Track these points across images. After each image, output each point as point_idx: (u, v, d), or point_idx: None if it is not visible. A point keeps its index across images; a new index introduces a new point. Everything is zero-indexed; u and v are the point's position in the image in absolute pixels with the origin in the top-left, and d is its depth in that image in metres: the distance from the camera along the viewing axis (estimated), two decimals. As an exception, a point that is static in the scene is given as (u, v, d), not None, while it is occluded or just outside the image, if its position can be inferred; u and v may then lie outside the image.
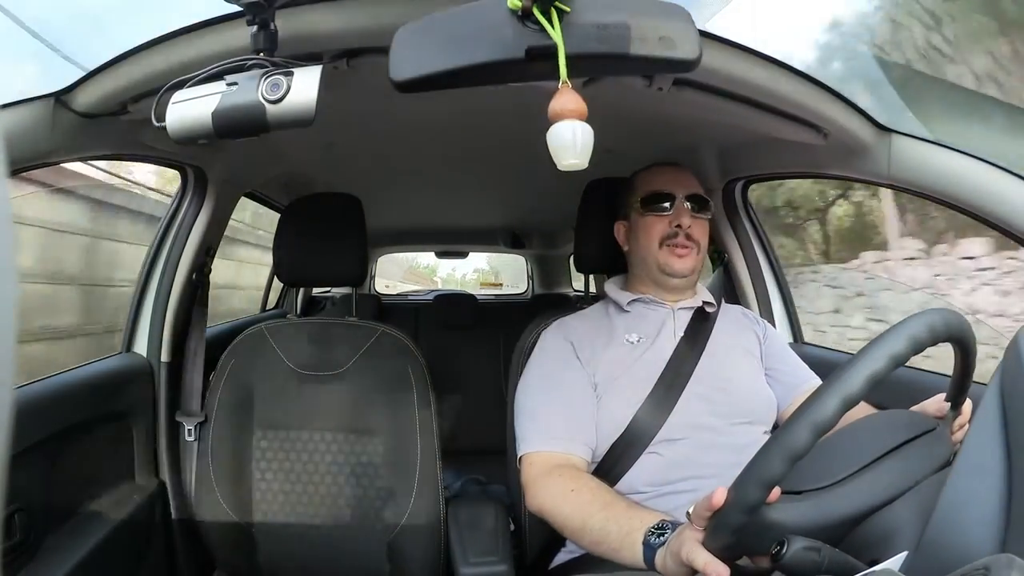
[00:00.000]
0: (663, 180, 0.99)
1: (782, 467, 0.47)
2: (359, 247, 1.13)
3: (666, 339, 0.95)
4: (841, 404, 0.47)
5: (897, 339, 0.49)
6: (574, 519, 0.77)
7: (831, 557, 0.47)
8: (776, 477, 0.47)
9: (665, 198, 0.97)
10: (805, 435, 0.47)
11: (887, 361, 0.47)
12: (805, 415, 0.47)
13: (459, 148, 1.35)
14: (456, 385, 2.24)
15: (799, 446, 0.47)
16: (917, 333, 0.49)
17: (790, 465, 0.47)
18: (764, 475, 0.48)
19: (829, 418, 0.46)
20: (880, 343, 0.49)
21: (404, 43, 0.47)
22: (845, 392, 0.47)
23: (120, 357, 1.14)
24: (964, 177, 0.76)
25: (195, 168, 1.14)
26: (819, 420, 0.46)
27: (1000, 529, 0.42)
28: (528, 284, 3.26)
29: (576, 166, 0.46)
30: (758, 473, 0.48)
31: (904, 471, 0.54)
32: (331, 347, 1.13)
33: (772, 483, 0.48)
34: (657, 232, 0.96)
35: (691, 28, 0.47)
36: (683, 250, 0.95)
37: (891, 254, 5.03)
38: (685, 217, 0.95)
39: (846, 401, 0.47)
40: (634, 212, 1.00)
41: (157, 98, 0.55)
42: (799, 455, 0.47)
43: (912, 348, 0.49)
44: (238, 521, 1.07)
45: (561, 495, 0.79)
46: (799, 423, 0.47)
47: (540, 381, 0.93)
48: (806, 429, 0.47)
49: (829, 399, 0.47)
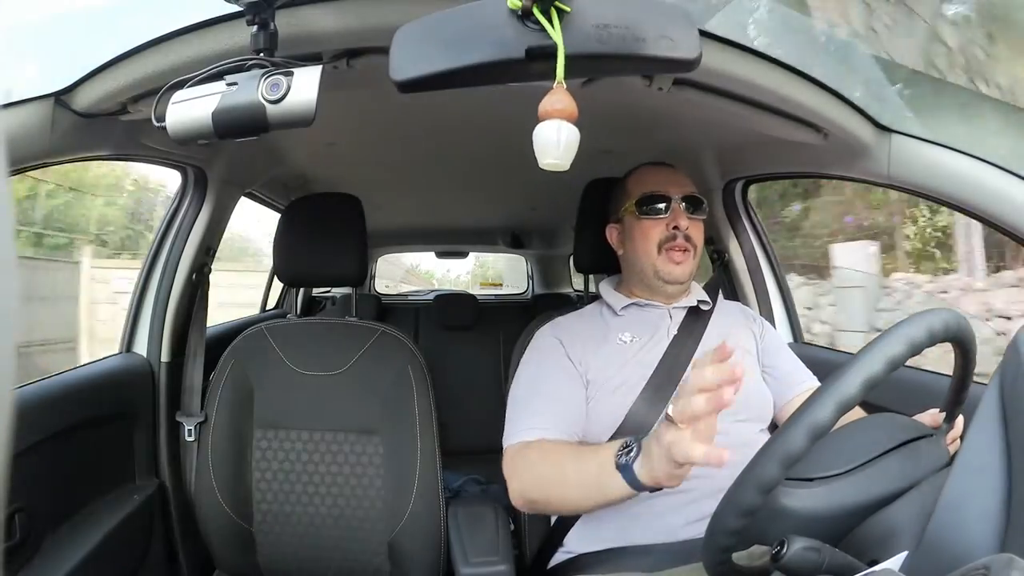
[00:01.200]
0: (657, 181, 0.97)
1: (778, 471, 0.47)
2: (359, 247, 1.13)
3: (660, 338, 0.95)
4: (837, 408, 0.47)
5: (894, 341, 0.49)
6: (552, 487, 0.77)
7: (831, 557, 0.47)
8: (774, 481, 0.48)
9: (660, 200, 0.95)
10: (802, 437, 0.47)
11: (884, 364, 0.47)
12: (801, 419, 0.47)
13: (459, 148, 1.35)
14: (456, 385, 2.24)
15: (796, 449, 0.47)
16: (915, 334, 0.49)
17: (787, 468, 0.47)
18: (762, 476, 0.48)
19: (825, 422, 0.47)
20: (877, 345, 0.49)
21: (404, 43, 0.47)
22: (841, 396, 0.47)
23: (120, 357, 1.14)
24: (964, 177, 0.76)
25: (195, 168, 1.14)
26: (815, 424, 0.47)
27: (1000, 529, 0.42)
28: (528, 284, 3.27)
29: (556, 166, 0.46)
30: (755, 474, 0.48)
31: (912, 465, 0.55)
32: (331, 347, 1.13)
33: (770, 487, 0.48)
34: (655, 236, 0.94)
35: (691, 28, 0.47)
36: (681, 254, 0.94)
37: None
38: (682, 219, 0.94)
39: (842, 405, 0.47)
40: (628, 215, 0.98)
41: (157, 98, 0.55)
42: (797, 457, 0.47)
43: (910, 350, 0.49)
44: (238, 521, 1.07)
45: (529, 470, 0.80)
46: (795, 426, 0.47)
47: (527, 379, 0.93)
48: (802, 432, 0.47)
49: (825, 403, 0.47)
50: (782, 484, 0.50)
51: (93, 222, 5.10)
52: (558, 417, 0.86)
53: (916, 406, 0.70)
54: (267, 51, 0.53)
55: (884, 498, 0.52)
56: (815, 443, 0.47)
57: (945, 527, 0.44)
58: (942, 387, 0.64)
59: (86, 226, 4.96)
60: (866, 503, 0.52)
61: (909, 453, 0.56)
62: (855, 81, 0.82)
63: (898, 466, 0.54)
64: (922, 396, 0.70)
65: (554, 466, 0.78)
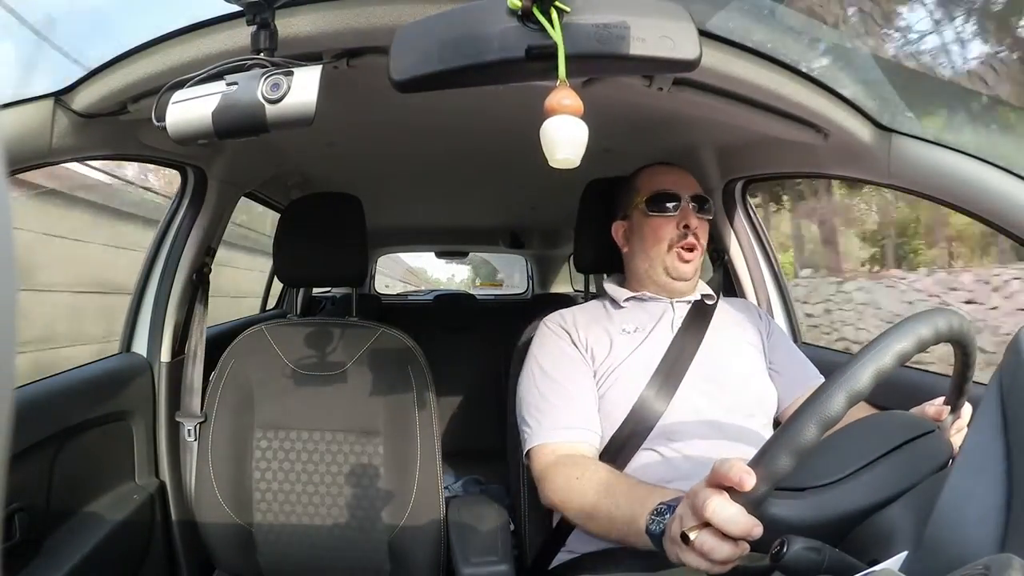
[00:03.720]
0: (667, 180, 0.98)
1: (789, 461, 0.47)
2: (359, 247, 1.13)
3: (663, 330, 0.95)
4: (847, 399, 0.47)
5: (903, 336, 0.49)
6: (583, 509, 0.77)
7: (831, 557, 0.46)
8: (782, 472, 0.47)
9: (671, 198, 0.96)
10: (812, 428, 0.47)
11: (893, 357, 0.48)
12: (811, 410, 0.47)
13: (459, 148, 1.35)
14: (456, 385, 2.24)
15: (805, 441, 0.47)
16: (922, 331, 0.49)
17: (796, 460, 0.47)
18: (772, 468, 0.48)
19: (835, 413, 0.46)
20: (886, 339, 0.49)
21: (404, 43, 0.47)
22: (851, 387, 0.47)
23: (120, 357, 1.14)
24: (964, 177, 0.76)
25: (195, 168, 1.14)
26: (825, 415, 0.46)
27: (1000, 529, 0.42)
28: (528, 284, 3.27)
29: (568, 163, 0.46)
30: (766, 466, 0.48)
31: (905, 470, 0.54)
32: (331, 347, 1.13)
33: (777, 477, 0.48)
34: (666, 234, 0.96)
35: (691, 28, 0.47)
36: (690, 253, 0.96)
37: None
38: (692, 218, 0.95)
39: (852, 396, 0.47)
40: (637, 212, 0.99)
41: (157, 98, 0.55)
42: (805, 450, 0.47)
43: (917, 346, 0.49)
44: (238, 521, 1.07)
45: (567, 486, 0.79)
46: (804, 418, 0.47)
47: (540, 373, 0.93)
48: (812, 423, 0.47)
49: (835, 394, 0.47)
50: (772, 496, 0.50)
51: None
52: (577, 414, 0.87)
53: (916, 406, 0.70)
54: (267, 51, 0.53)
55: (878, 504, 0.52)
56: (825, 433, 0.47)
57: (945, 527, 0.43)
58: (942, 387, 0.64)
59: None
60: (859, 510, 0.52)
61: (906, 455, 0.56)
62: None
63: (893, 470, 0.54)
64: (922, 396, 0.70)
65: (584, 499, 0.77)
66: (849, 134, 0.82)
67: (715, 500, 0.48)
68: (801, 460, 0.47)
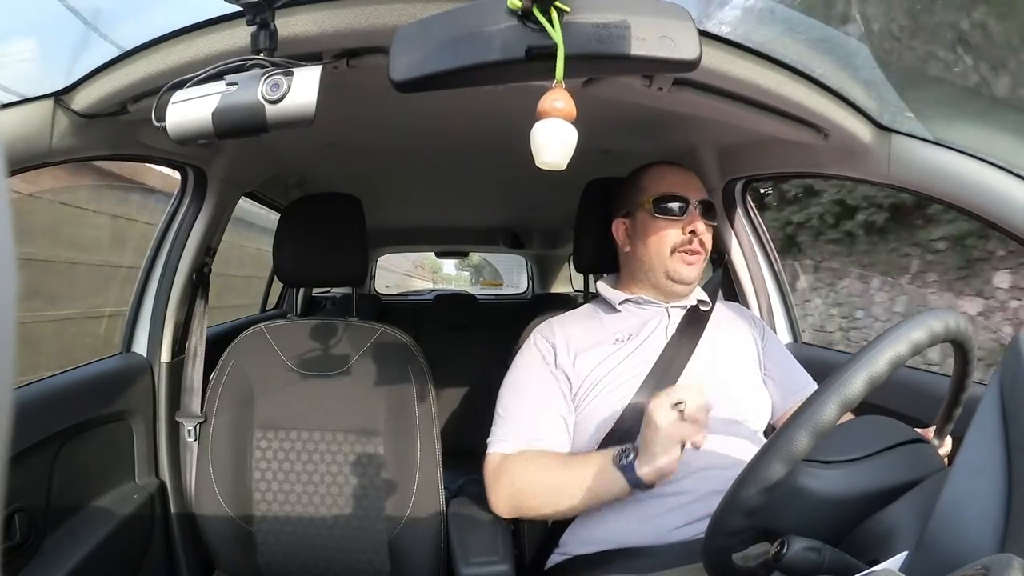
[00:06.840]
0: (675, 182, 0.96)
1: (782, 469, 0.47)
2: (359, 247, 1.13)
3: (657, 337, 0.94)
4: (840, 405, 0.47)
5: (896, 340, 0.49)
6: (544, 494, 0.82)
7: (831, 557, 0.46)
8: (774, 480, 0.48)
9: (679, 201, 0.94)
10: (804, 435, 0.47)
11: (887, 363, 0.47)
12: (803, 417, 0.47)
13: (459, 148, 1.35)
14: (456, 385, 2.24)
15: (797, 450, 0.47)
16: (916, 334, 0.49)
17: (789, 465, 0.47)
18: (764, 475, 0.48)
19: (828, 420, 0.47)
20: (880, 344, 0.49)
21: (404, 43, 0.47)
22: (844, 394, 0.47)
23: (120, 357, 1.14)
24: (964, 177, 0.76)
25: (195, 168, 1.14)
26: (818, 422, 0.47)
27: (1000, 529, 0.41)
28: (528, 284, 3.27)
29: (553, 166, 0.46)
30: (757, 473, 0.48)
31: (922, 459, 0.55)
32: (331, 347, 1.13)
33: (769, 485, 0.48)
34: (671, 238, 0.93)
35: (691, 28, 0.47)
36: (694, 257, 0.94)
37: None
38: (699, 223, 0.93)
39: (845, 403, 0.47)
40: (642, 212, 0.96)
41: (157, 98, 0.55)
42: (796, 459, 0.47)
43: (911, 350, 0.49)
44: (238, 521, 1.07)
45: (523, 476, 0.84)
46: (797, 424, 0.47)
47: (514, 384, 0.94)
48: (804, 430, 0.47)
49: (828, 401, 0.47)
50: (803, 463, 0.50)
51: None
52: (539, 425, 0.89)
53: (916, 406, 0.70)
54: (267, 51, 0.53)
55: (899, 487, 0.52)
56: (818, 441, 0.47)
57: (945, 527, 0.43)
58: (942, 387, 0.64)
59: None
60: (882, 489, 0.52)
61: (916, 449, 0.56)
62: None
63: (909, 458, 0.54)
64: (922, 396, 0.71)
65: (545, 470, 0.82)
66: (849, 134, 0.82)
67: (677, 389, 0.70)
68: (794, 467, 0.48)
